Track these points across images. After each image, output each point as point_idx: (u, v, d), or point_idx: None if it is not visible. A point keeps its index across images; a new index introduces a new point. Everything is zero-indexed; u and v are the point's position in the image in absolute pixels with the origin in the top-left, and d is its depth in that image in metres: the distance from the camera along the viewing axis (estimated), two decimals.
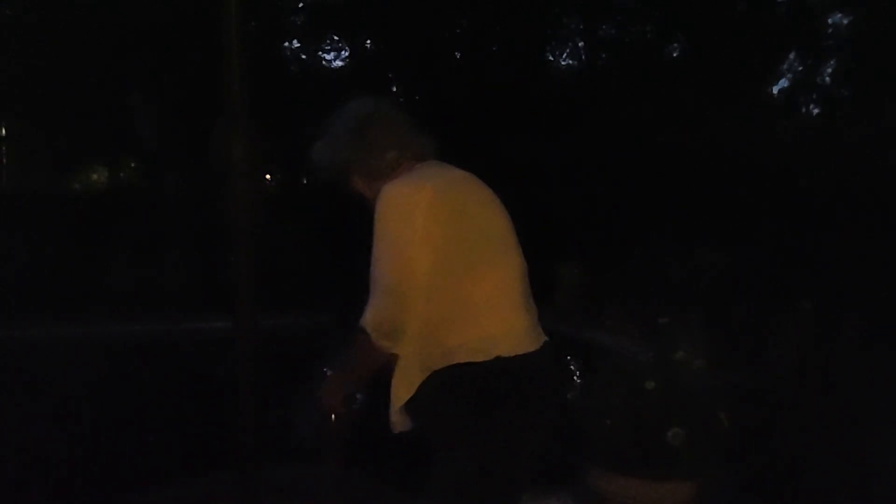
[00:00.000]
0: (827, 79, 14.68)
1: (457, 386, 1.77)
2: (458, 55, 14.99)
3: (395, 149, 1.94)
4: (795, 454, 3.77)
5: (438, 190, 1.82)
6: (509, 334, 1.84)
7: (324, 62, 15.05)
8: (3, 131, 14.79)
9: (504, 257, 1.90)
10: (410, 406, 1.84)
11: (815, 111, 15.10)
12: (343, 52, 15.13)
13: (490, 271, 1.84)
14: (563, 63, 15.80)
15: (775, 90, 15.04)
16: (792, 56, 14.58)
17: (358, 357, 1.84)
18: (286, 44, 14.51)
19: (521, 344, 1.84)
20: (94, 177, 16.12)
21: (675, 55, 15.06)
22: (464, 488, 1.78)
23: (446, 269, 1.77)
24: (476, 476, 1.77)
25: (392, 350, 1.79)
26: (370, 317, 1.77)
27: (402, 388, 1.84)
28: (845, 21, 13.95)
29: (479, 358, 1.77)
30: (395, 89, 14.61)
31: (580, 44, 15.59)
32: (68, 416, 5.31)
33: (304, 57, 14.76)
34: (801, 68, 14.70)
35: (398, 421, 1.90)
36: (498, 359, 1.78)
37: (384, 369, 1.90)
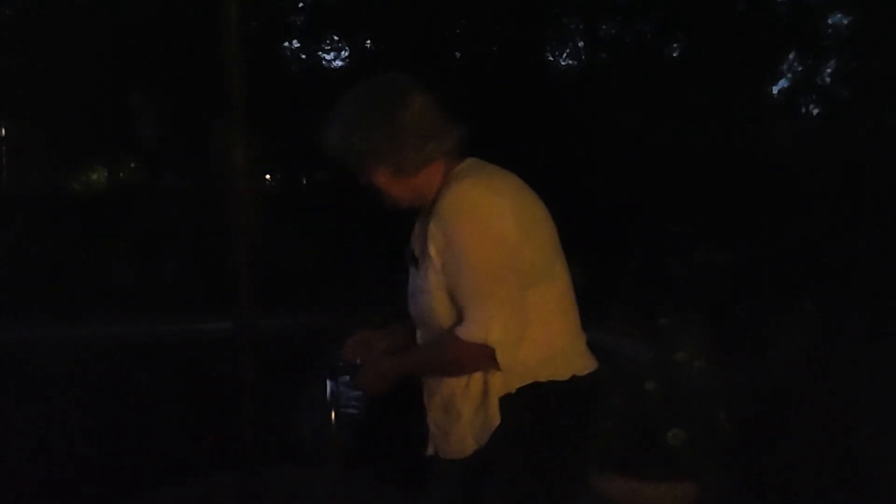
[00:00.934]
0: (827, 79, 14.70)
1: (548, 407, 1.64)
2: (458, 55, 14.99)
3: (434, 140, 1.66)
4: (796, 454, 3.76)
5: (514, 194, 1.67)
6: (578, 351, 1.74)
7: (324, 62, 15.06)
8: (3, 131, 14.79)
9: (563, 267, 1.75)
10: (497, 430, 1.65)
11: (815, 111, 15.12)
12: (343, 52, 15.14)
13: (556, 282, 1.71)
14: (563, 63, 15.83)
15: (775, 90, 15.06)
16: (792, 56, 14.59)
17: (455, 368, 1.64)
18: (286, 44, 14.52)
19: (589, 361, 1.75)
20: (94, 177, 16.12)
21: (675, 55, 15.07)
22: None
23: (526, 280, 1.61)
24: (548, 497, 1.66)
25: (504, 369, 1.59)
26: (497, 330, 1.55)
27: (474, 411, 1.67)
28: (845, 21, 13.96)
29: (560, 376, 1.65)
30: None
31: (580, 44, 15.60)
32: (68, 416, 5.31)
33: (304, 57, 14.77)
34: (801, 68, 14.71)
35: (465, 445, 1.70)
36: (574, 378, 1.67)
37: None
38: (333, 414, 1.99)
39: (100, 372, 6.71)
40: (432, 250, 1.63)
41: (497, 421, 1.65)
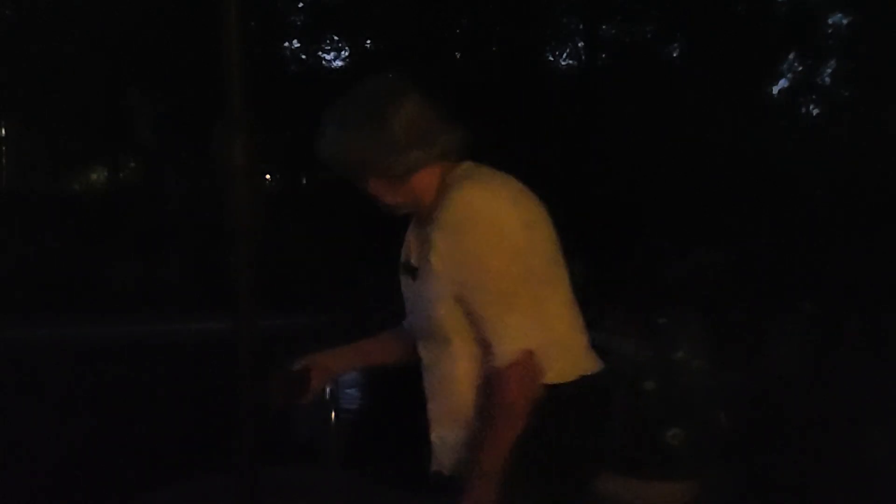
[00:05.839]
0: (827, 79, 14.72)
1: (555, 412, 1.54)
2: (458, 55, 15.00)
3: (427, 145, 1.58)
4: (795, 454, 3.77)
5: (516, 197, 1.59)
6: (585, 350, 1.66)
7: (324, 62, 15.08)
8: (3, 131, 14.80)
9: (564, 269, 1.66)
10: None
11: (815, 111, 15.14)
12: (343, 52, 15.17)
13: (561, 284, 1.63)
14: (563, 63, 15.84)
15: (775, 90, 15.08)
16: (792, 56, 14.61)
17: (519, 409, 1.49)
18: (286, 44, 14.54)
19: (595, 361, 1.66)
20: (94, 177, 16.12)
21: (675, 55, 15.09)
22: None
23: (535, 283, 1.55)
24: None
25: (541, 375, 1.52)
26: (534, 334, 1.50)
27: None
28: (845, 21, 13.98)
29: (567, 377, 1.57)
30: None
31: (580, 44, 15.62)
32: (68, 416, 5.32)
33: (304, 57, 14.79)
34: (801, 68, 14.73)
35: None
36: (582, 378, 1.58)
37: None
38: (333, 414, 1.99)
39: (100, 372, 6.71)
40: (434, 259, 1.54)
41: None
